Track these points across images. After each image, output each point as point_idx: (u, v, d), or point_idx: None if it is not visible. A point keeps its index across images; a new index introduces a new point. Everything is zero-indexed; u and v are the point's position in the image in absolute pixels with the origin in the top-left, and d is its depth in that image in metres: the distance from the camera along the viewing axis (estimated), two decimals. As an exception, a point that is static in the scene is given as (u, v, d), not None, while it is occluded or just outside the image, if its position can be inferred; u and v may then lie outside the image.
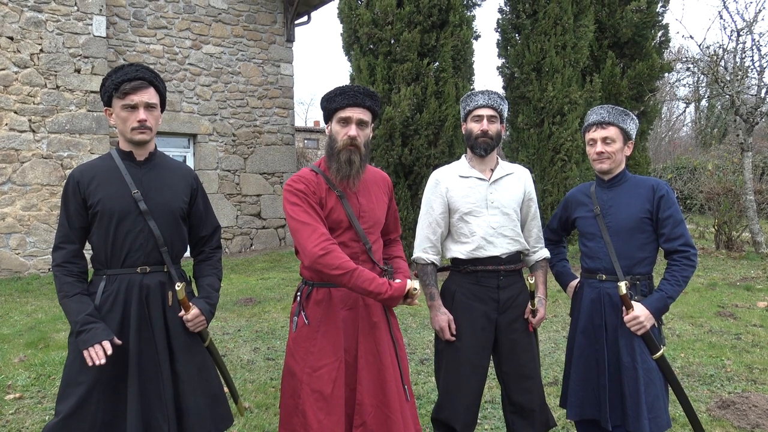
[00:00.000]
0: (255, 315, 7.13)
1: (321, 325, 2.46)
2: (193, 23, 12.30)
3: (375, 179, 2.64)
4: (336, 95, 2.46)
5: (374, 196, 2.58)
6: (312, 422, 2.37)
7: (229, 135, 12.78)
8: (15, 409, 4.19)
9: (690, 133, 31.66)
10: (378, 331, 2.48)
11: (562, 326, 6.34)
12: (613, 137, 2.76)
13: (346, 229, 2.47)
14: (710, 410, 3.98)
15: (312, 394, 2.40)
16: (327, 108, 2.50)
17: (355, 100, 2.44)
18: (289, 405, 2.48)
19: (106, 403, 2.35)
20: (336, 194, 2.47)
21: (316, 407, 2.38)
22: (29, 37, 10.20)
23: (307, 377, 2.42)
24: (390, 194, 2.71)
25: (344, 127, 2.45)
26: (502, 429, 3.72)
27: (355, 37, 9.66)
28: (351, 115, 2.44)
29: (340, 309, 2.45)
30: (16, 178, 10.09)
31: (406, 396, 2.48)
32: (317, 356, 2.43)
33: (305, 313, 2.49)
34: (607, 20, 11.33)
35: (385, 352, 2.47)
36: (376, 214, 2.56)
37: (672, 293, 2.65)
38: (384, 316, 2.54)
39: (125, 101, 2.37)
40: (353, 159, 2.44)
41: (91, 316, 2.32)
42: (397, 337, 2.59)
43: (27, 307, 7.75)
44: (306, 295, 2.51)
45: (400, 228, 2.85)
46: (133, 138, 2.41)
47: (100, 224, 2.39)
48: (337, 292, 2.46)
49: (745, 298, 7.70)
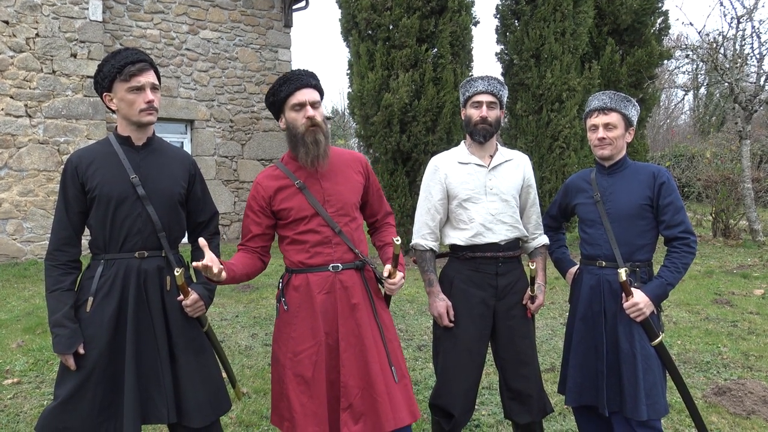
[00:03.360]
0: (253, 301, 7.14)
1: (300, 310, 2.48)
2: (190, 8, 12.20)
3: (344, 160, 2.62)
4: (281, 85, 2.49)
5: (341, 177, 2.57)
6: (295, 406, 2.40)
7: (227, 121, 12.72)
8: (13, 393, 4.20)
9: (688, 121, 31.63)
10: (358, 312, 2.48)
11: (559, 313, 6.36)
12: (614, 123, 2.74)
13: (312, 216, 2.49)
14: (706, 397, 4.01)
15: (294, 378, 2.43)
16: (275, 101, 2.52)
17: (302, 82, 2.47)
18: (276, 390, 2.52)
19: (104, 387, 2.35)
20: (296, 186, 2.49)
21: (298, 390, 2.41)
22: (25, 21, 10.10)
23: (290, 362, 2.45)
24: (365, 172, 2.68)
25: (300, 112, 2.47)
26: (498, 415, 3.74)
27: (354, 23, 9.60)
28: (304, 99, 2.46)
29: (317, 293, 2.47)
30: (12, 164, 10.04)
31: (393, 377, 2.47)
32: (297, 341, 2.46)
33: (285, 299, 2.53)
34: (606, 6, 11.28)
35: (366, 334, 2.47)
36: (344, 196, 2.55)
37: (672, 280, 2.65)
38: (366, 298, 2.53)
39: (131, 83, 2.35)
40: (319, 138, 2.47)
41: (64, 318, 2.33)
42: (384, 319, 2.58)
43: (24, 292, 7.75)
44: (286, 281, 2.56)
45: (388, 206, 2.82)
46: (141, 120, 2.39)
47: (97, 209, 2.38)
48: (313, 276, 2.48)
49: (742, 285, 7.73)
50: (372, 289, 2.58)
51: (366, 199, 2.69)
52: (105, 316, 2.35)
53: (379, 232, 2.81)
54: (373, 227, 2.84)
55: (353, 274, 2.52)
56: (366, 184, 2.67)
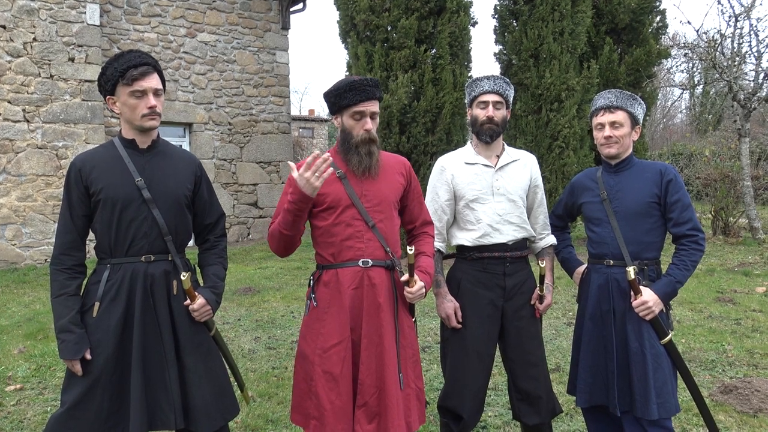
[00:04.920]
0: (255, 304, 7.11)
1: (329, 306, 2.47)
2: (187, 11, 12.18)
3: (387, 161, 2.61)
4: (347, 91, 2.44)
5: (382, 175, 2.55)
6: (325, 404, 2.37)
7: (225, 124, 12.70)
8: (16, 400, 4.17)
9: (685, 119, 31.69)
10: (382, 313, 2.46)
11: (562, 313, 6.35)
12: (621, 121, 2.73)
13: (346, 207, 2.47)
14: (713, 395, 3.99)
15: (323, 375, 2.40)
16: (337, 103, 2.48)
17: (367, 95, 2.45)
18: (302, 389, 2.48)
19: (111, 392, 2.33)
20: (337, 175, 2.48)
21: (327, 388, 2.39)
22: (22, 26, 10.08)
23: (319, 358, 2.42)
24: (408, 175, 2.65)
25: (359, 121, 2.47)
26: (505, 416, 3.73)
27: (352, 24, 9.60)
28: (365, 109, 2.46)
29: (347, 288, 2.45)
30: (11, 169, 10.01)
31: (400, 384, 2.46)
32: (326, 337, 2.44)
33: (314, 295, 2.51)
34: (604, 6, 11.29)
35: (387, 336, 2.45)
36: (383, 193, 2.53)
37: (680, 278, 2.64)
38: (390, 299, 2.50)
39: (133, 87, 2.32)
40: (372, 150, 2.49)
41: (70, 324, 2.30)
42: (402, 324, 2.55)
43: (24, 298, 7.71)
44: (317, 278, 2.54)
45: (428, 215, 2.76)
46: (143, 125, 2.37)
47: (103, 212, 2.36)
48: (343, 272, 2.46)
49: (744, 283, 7.73)
50: (398, 292, 2.54)
51: (406, 202, 2.66)
52: (112, 321, 2.33)
53: (415, 241, 2.73)
54: (411, 234, 2.77)
55: (382, 272, 2.48)
56: (407, 187, 2.64)
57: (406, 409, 2.45)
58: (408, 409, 2.46)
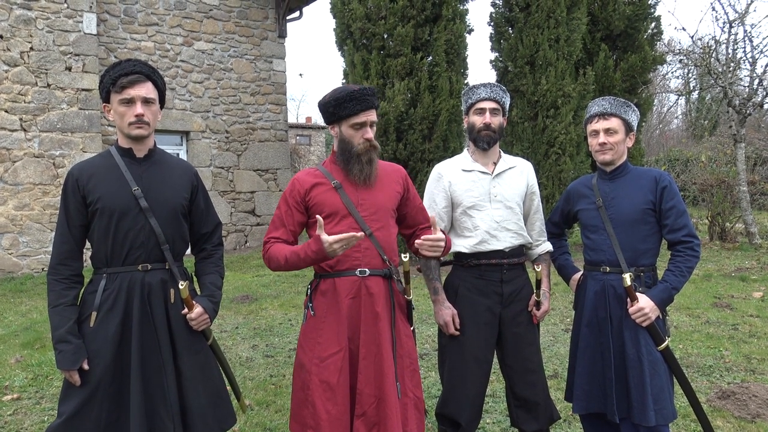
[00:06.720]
0: (252, 312, 7.10)
1: (327, 315, 2.47)
2: (184, 20, 12.22)
3: (384, 171, 2.62)
4: (346, 101, 2.45)
5: (379, 184, 2.56)
6: (321, 413, 2.37)
7: (222, 132, 12.71)
8: (13, 410, 4.16)
9: (681, 125, 31.79)
10: (380, 322, 2.46)
11: (560, 319, 6.35)
12: (615, 128, 2.75)
13: (343, 216, 2.48)
14: (710, 401, 3.99)
15: (320, 384, 2.41)
16: (336, 113, 2.49)
17: (367, 105, 2.46)
18: (300, 397, 2.49)
19: (109, 403, 2.33)
20: (333, 185, 2.49)
21: (324, 397, 2.39)
22: (19, 35, 10.09)
23: (316, 368, 2.43)
24: (404, 183, 2.67)
25: (359, 131, 2.48)
26: (503, 423, 3.72)
27: (349, 32, 9.63)
28: (366, 119, 2.47)
29: (344, 298, 2.45)
30: (8, 178, 10.00)
31: (398, 394, 2.46)
32: (324, 346, 2.44)
33: (312, 304, 2.52)
34: (599, 13, 11.35)
35: (385, 345, 2.45)
36: (379, 201, 2.54)
37: (676, 284, 2.65)
38: (388, 308, 2.50)
39: (122, 95, 2.34)
40: (373, 158, 2.51)
41: (68, 334, 2.30)
42: (399, 332, 2.55)
43: (21, 307, 7.69)
44: (314, 287, 2.55)
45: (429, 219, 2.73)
46: (131, 133, 2.38)
47: (100, 222, 2.36)
48: (340, 281, 2.47)
49: (741, 288, 7.74)
50: (396, 301, 2.55)
51: (405, 211, 2.67)
52: (109, 331, 2.33)
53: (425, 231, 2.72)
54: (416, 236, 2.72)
55: (379, 281, 2.49)
56: (404, 195, 2.65)
57: (404, 418, 2.44)
58: (406, 419, 2.46)
